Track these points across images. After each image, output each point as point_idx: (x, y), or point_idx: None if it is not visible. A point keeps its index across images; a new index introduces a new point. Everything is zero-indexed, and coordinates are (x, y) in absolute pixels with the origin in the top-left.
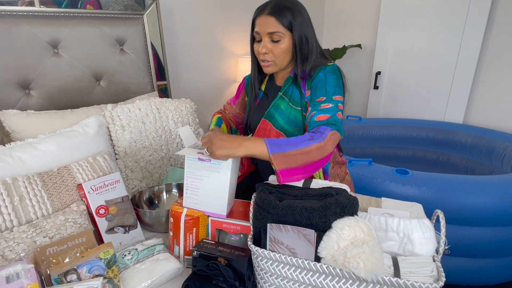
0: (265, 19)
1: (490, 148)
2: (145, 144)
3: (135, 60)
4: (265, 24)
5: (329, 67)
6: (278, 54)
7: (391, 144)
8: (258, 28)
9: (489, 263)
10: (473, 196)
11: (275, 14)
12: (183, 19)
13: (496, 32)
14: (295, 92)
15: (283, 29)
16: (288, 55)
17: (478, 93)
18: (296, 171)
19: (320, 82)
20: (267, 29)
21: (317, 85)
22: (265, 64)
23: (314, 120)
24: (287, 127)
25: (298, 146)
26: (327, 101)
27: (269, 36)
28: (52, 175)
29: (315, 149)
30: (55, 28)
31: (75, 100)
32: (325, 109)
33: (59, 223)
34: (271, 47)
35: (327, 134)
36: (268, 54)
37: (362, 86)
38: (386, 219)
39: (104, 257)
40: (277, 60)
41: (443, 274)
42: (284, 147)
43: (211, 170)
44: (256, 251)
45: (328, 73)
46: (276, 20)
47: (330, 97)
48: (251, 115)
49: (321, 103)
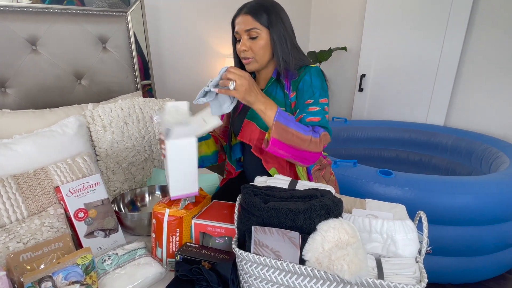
0: (242, 18)
1: (470, 149)
2: (128, 145)
3: (118, 58)
4: (243, 23)
5: (313, 69)
6: (257, 51)
7: (375, 145)
8: (237, 27)
9: (469, 261)
10: (454, 196)
11: (251, 13)
12: (168, 17)
13: (475, 38)
14: (278, 93)
15: (259, 25)
16: (267, 51)
17: (458, 96)
18: (284, 147)
19: (306, 84)
20: (245, 27)
21: (303, 88)
22: (245, 61)
23: (306, 122)
24: None
25: (299, 130)
26: (314, 104)
27: (247, 33)
28: (27, 177)
29: (309, 141)
30: (34, 24)
31: (55, 99)
32: (313, 112)
33: (34, 227)
34: (249, 44)
35: (321, 133)
36: (248, 51)
37: (347, 88)
38: (370, 221)
39: (81, 263)
40: (256, 56)
41: (425, 275)
42: (288, 123)
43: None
44: (240, 255)
45: (313, 75)
46: (252, 17)
47: (316, 100)
48: (235, 119)
49: (309, 105)
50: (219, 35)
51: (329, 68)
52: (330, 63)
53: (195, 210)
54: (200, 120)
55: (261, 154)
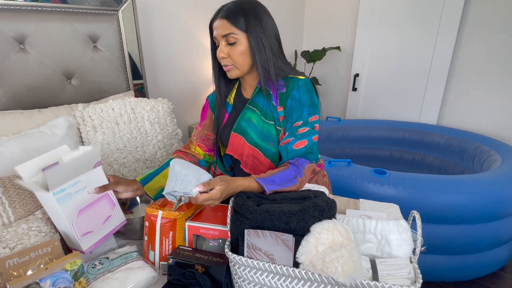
0: (218, 22)
1: (462, 148)
2: (119, 146)
3: (109, 58)
4: (220, 27)
5: (301, 83)
6: (236, 57)
7: (369, 145)
8: (215, 32)
9: (463, 259)
10: (447, 195)
11: (227, 16)
12: (160, 16)
13: (467, 38)
14: (266, 105)
15: (237, 30)
16: (246, 57)
17: (451, 95)
18: (280, 191)
19: (294, 102)
20: (222, 32)
21: (292, 107)
22: (226, 69)
23: (292, 148)
24: (260, 142)
25: (288, 185)
26: (303, 125)
27: (225, 39)
28: (14, 180)
29: (299, 183)
30: (21, 23)
31: (44, 100)
32: (302, 134)
33: (21, 232)
34: (228, 50)
35: (305, 167)
36: (227, 58)
37: (341, 88)
38: (364, 221)
39: (70, 269)
40: (236, 63)
41: (420, 276)
42: (274, 186)
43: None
44: (233, 259)
45: (301, 90)
46: (229, 22)
47: (306, 120)
48: (222, 130)
49: (298, 128)
50: None
51: (323, 67)
52: (324, 63)
53: (189, 212)
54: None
55: (251, 170)
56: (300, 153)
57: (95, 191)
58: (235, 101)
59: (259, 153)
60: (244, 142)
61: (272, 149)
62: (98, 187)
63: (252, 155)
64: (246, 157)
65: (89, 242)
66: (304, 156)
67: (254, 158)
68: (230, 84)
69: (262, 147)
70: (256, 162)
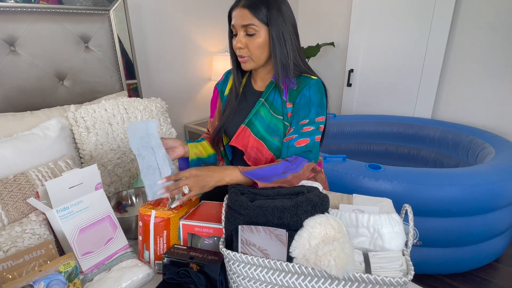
0: (239, 11)
1: (457, 141)
2: (113, 147)
3: (101, 58)
4: (239, 17)
5: (313, 82)
6: (253, 49)
7: (364, 140)
8: (233, 21)
9: (458, 251)
10: (442, 188)
11: (250, 6)
12: (153, 15)
13: (460, 32)
14: (276, 99)
15: (258, 22)
16: (264, 51)
17: (444, 89)
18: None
19: (304, 99)
20: (241, 22)
21: (301, 104)
22: (241, 60)
23: (294, 145)
24: (266, 135)
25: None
26: (309, 124)
27: (244, 29)
28: (7, 183)
29: (291, 178)
30: (11, 24)
31: (37, 101)
32: (306, 133)
33: (15, 235)
34: (246, 41)
35: (303, 166)
36: (243, 49)
37: (336, 83)
38: (357, 215)
39: (64, 270)
40: (252, 55)
41: (412, 268)
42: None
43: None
44: (227, 255)
45: (313, 90)
46: (250, 12)
47: (312, 120)
48: (229, 122)
49: (303, 126)
50: (206, 33)
51: (317, 63)
52: (319, 59)
53: (183, 211)
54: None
55: (253, 162)
56: (299, 151)
57: (168, 144)
58: (244, 91)
59: (263, 145)
60: (249, 133)
61: (276, 143)
62: (170, 139)
63: (256, 147)
64: (250, 148)
65: (89, 263)
66: (303, 154)
67: (257, 150)
68: (243, 74)
69: (267, 140)
70: (259, 154)
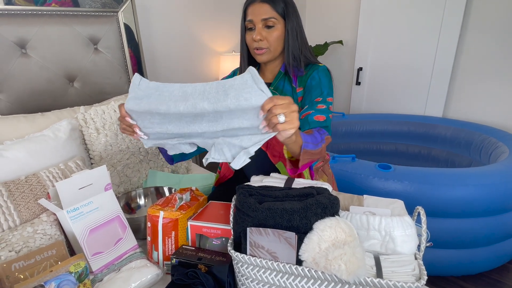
0: (259, 6)
1: (469, 140)
2: (122, 147)
3: (110, 59)
4: (259, 11)
5: (321, 68)
6: (272, 41)
7: (374, 139)
8: (252, 16)
9: (471, 253)
10: (454, 188)
11: (270, 1)
12: (160, 16)
13: (472, 28)
14: (286, 87)
15: (277, 15)
16: (281, 42)
17: (456, 87)
18: (304, 167)
19: (314, 81)
20: (262, 16)
21: (312, 85)
22: (259, 52)
23: (313, 119)
24: None
25: (318, 147)
26: (322, 102)
27: (264, 22)
28: (19, 184)
29: (323, 149)
30: (22, 27)
31: (47, 103)
32: (321, 110)
33: (26, 235)
34: (265, 33)
35: (324, 137)
36: (263, 41)
37: (345, 82)
38: (368, 218)
39: (74, 271)
40: (271, 47)
41: (424, 272)
42: (310, 145)
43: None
44: (236, 257)
45: (321, 74)
46: (271, 6)
47: (324, 99)
48: None
49: (318, 103)
50: (213, 33)
51: (325, 62)
52: (327, 57)
53: (191, 212)
54: None
55: (267, 149)
56: (320, 125)
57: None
58: None
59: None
60: None
61: None
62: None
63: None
64: None
65: (98, 263)
66: (324, 127)
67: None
68: None
69: None
70: (272, 140)
